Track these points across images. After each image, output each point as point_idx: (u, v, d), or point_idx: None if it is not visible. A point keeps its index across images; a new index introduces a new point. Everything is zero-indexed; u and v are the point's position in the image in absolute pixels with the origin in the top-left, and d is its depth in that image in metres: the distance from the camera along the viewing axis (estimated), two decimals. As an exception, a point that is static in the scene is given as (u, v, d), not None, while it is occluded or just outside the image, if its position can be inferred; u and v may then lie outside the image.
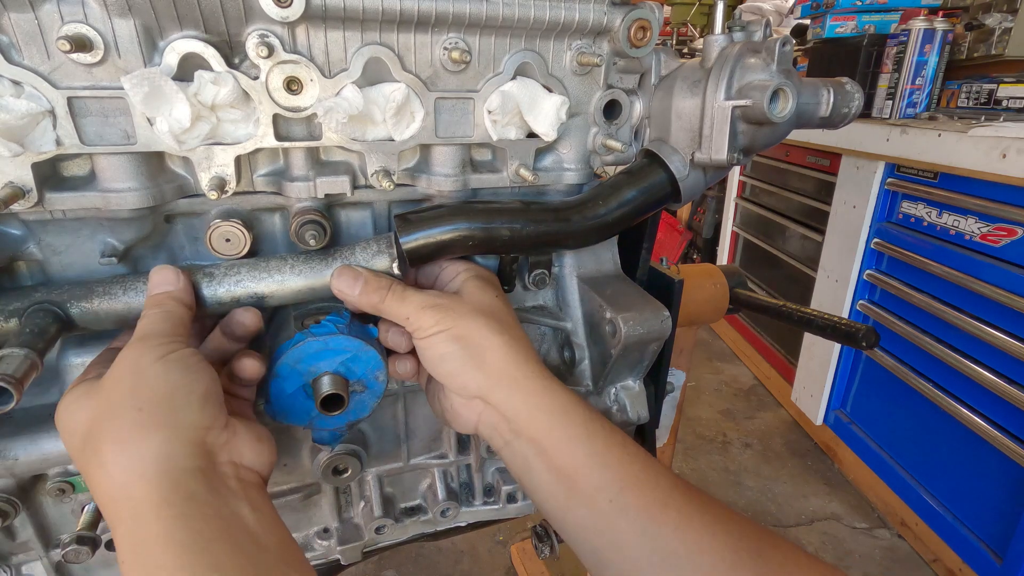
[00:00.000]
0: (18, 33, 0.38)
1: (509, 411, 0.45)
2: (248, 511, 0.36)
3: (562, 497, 0.43)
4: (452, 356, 0.46)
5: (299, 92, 0.44)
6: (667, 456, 1.07)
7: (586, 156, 0.57)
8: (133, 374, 0.37)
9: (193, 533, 0.33)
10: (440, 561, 1.76)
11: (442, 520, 0.70)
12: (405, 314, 0.47)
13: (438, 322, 0.46)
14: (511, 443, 0.46)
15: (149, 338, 0.40)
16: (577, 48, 0.52)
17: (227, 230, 0.47)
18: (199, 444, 0.37)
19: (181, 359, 0.39)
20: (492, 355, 0.46)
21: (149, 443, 0.35)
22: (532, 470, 0.45)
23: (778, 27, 3.12)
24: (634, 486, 0.41)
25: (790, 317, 0.80)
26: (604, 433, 0.44)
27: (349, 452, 0.59)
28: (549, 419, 0.44)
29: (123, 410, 0.36)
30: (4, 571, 0.54)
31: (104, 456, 0.35)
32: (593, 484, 0.42)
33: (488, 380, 0.46)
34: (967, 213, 1.55)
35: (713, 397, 2.65)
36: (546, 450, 0.44)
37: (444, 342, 0.46)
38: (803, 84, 0.50)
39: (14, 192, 0.40)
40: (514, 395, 0.45)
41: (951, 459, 1.67)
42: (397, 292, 0.47)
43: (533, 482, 0.45)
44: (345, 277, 0.48)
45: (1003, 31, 1.72)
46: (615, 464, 0.42)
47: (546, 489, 0.44)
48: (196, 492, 0.35)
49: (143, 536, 0.33)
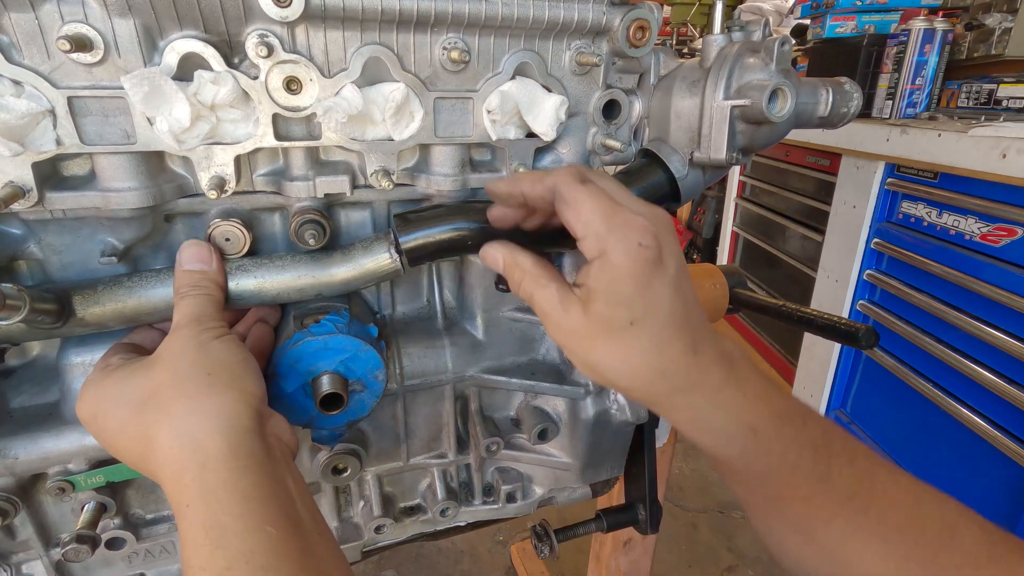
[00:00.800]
0: (18, 33, 0.38)
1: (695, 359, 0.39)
2: (291, 480, 0.38)
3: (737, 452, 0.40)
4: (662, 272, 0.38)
5: (298, 92, 0.45)
6: (667, 456, 1.07)
7: (585, 156, 0.57)
8: (196, 347, 0.40)
9: (253, 486, 0.35)
10: (440, 561, 1.76)
11: (442, 520, 0.70)
12: None
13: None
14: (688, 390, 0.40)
15: (203, 320, 0.42)
16: (576, 48, 0.52)
17: (227, 229, 0.48)
18: (257, 411, 0.40)
19: (234, 340, 0.43)
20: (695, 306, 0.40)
21: (220, 401, 0.38)
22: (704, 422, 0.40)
23: (778, 27, 3.12)
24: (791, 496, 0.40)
25: (790, 317, 0.80)
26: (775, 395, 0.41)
27: (348, 451, 0.59)
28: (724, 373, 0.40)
29: (193, 374, 0.39)
30: (4, 570, 0.54)
31: (174, 412, 0.37)
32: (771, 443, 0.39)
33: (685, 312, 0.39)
34: (967, 213, 1.55)
35: (713, 397, 2.65)
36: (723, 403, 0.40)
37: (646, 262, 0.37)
38: (802, 84, 0.50)
39: (14, 191, 0.40)
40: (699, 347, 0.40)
41: (951, 459, 1.67)
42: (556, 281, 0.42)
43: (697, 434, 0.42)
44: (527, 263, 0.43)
45: (1003, 31, 1.72)
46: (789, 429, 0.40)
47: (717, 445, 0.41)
48: (256, 450, 0.37)
49: (211, 483, 0.35)
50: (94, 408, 0.41)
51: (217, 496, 0.34)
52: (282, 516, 0.35)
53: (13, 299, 0.38)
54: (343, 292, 0.51)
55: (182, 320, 0.42)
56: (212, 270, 0.46)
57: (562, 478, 0.70)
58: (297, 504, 0.37)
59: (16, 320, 0.39)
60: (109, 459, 0.50)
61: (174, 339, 0.41)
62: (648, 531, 0.75)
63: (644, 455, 0.71)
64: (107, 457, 0.50)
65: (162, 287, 0.46)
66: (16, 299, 0.38)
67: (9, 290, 0.38)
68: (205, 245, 0.46)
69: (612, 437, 0.66)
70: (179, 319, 0.43)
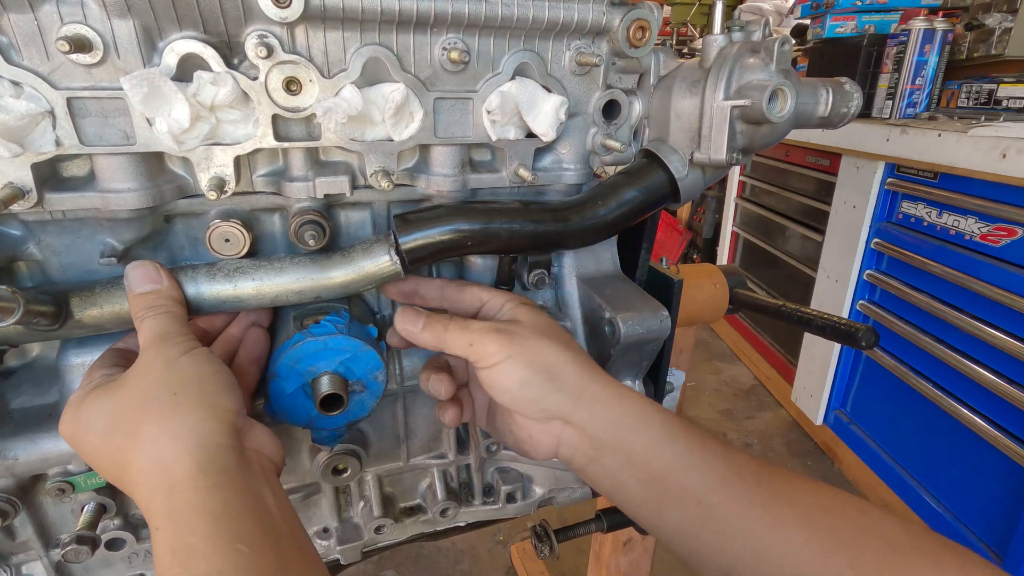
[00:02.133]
0: (17, 34, 0.38)
1: (592, 427, 0.45)
2: (269, 494, 0.38)
3: (654, 505, 0.43)
4: (531, 381, 0.45)
5: (298, 92, 0.44)
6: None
7: (585, 156, 0.57)
8: (164, 365, 0.40)
9: (224, 503, 0.35)
10: (440, 561, 1.76)
11: (442, 520, 0.70)
12: (468, 341, 0.47)
13: (503, 347, 0.45)
14: (596, 459, 0.45)
15: (168, 337, 0.42)
16: (576, 48, 0.52)
17: (226, 230, 0.48)
18: (231, 425, 0.39)
19: (204, 353, 0.42)
20: (569, 374, 0.46)
21: (187, 420, 0.37)
22: (622, 483, 0.44)
23: (778, 27, 3.12)
24: (720, 487, 0.41)
25: (790, 317, 0.80)
26: (685, 434, 0.44)
27: (348, 452, 0.59)
28: (631, 427, 0.44)
29: (159, 394, 0.38)
30: (4, 571, 0.54)
31: (142, 436, 0.37)
32: (681, 488, 0.42)
33: (569, 400, 0.45)
34: (967, 213, 1.55)
35: (713, 397, 2.65)
36: (633, 460, 0.43)
37: (519, 367, 0.45)
38: (802, 84, 0.50)
39: (14, 192, 0.40)
40: (596, 409, 0.45)
41: (951, 459, 1.67)
42: (458, 322, 0.48)
43: (624, 494, 0.45)
44: (406, 317, 0.49)
45: (1003, 31, 1.72)
46: (699, 465, 0.42)
47: (638, 499, 0.44)
48: (229, 467, 0.37)
49: (178, 504, 0.34)
50: (71, 430, 0.40)
51: (184, 517, 0.34)
52: (257, 532, 0.34)
53: (7, 301, 0.38)
54: (342, 295, 0.51)
55: (146, 342, 0.42)
56: (164, 287, 0.44)
57: (562, 478, 0.70)
58: (276, 519, 0.36)
59: (11, 322, 0.39)
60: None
61: (141, 360, 0.41)
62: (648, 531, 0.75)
63: (644, 455, 0.71)
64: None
65: (162, 288, 0.46)
66: (10, 301, 0.38)
67: (3, 292, 0.38)
68: (150, 264, 0.45)
69: (612, 437, 0.66)
70: (143, 341, 0.42)
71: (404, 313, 0.50)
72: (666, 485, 0.42)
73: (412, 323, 0.49)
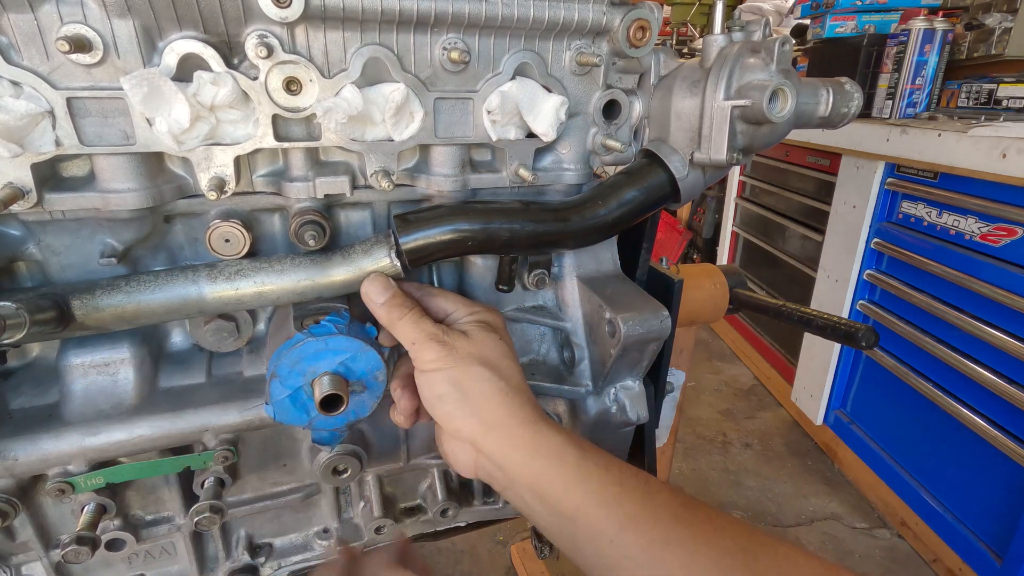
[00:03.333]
0: (17, 34, 0.38)
1: (501, 459, 0.45)
2: None
3: (568, 539, 0.43)
4: (447, 398, 0.46)
5: (298, 92, 0.44)
6: (667, 456, 1.07)
7: (585, 156, 0.57)
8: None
9: None
10: (440, 561, 1.76)
11: (442, 520, 0.70)
12: (412, 339, 0.47)
13: (438, 359, 0.46)
14: (510, 488, 0.46)
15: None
16: (576, 48, 0.52)
17: (226, 230, 0.47)
18: None
19: None
20: (486, 403, 0.46)
21: None
22: (536, 514, 0.45)
23: (778, 27, 3.12)
24: (632, 526, 0.41)
25: (790, 317, 0.80)
26: (600, 472, 0.44)
27: (349, 452, 0.59)
28: (543, 463, 0.44)
29: None
30: (4, 571, 0.54)
31: None
32: (594, 527, 0.41)
33: (480, 427, 0.46)
34: (967, 213, 1.55)
35: (713, 397, 2.65)
36: (544, 495, 0.44)
37: (441, 382, 0.46)
38: (802, 84, 0.50)
39: (13, 193, 0.40)
40: (505, 443, 0.45)
41: (951, 459, 1.67)
42: (415, 316, 0.48)
43: (540, 524, 0.46)
44: (377, 284, 0.49)
45: (1003, 31, 1.72)
46: (612, 504, 0.42)
47: (553, 531, 0.45)
48: None
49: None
50: None
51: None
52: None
53: (13, 318, 0.38)
54: (343, 294, 0.51)
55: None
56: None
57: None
58: None
59: (18, 337, 0.39)
60: (109, 460, 0.50)
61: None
62: None
63: (644, 455, 0.71)
64: (107, 458, 0.50)
65: (161, 290, 0.46)
66: (16, 318, 0.38)
67: (8, 310, 0.38)
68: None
69: (612, 437, 0.66)
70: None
71: (374, 281, 0.49)
72: (578, 524, 0.42)
73: (376, 294, 0.49)
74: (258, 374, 0.55)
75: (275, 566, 0.66)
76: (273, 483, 0.63)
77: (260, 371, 0.55)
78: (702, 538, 0.40)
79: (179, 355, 0.55)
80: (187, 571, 0.62)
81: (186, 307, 0.47)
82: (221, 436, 0.53)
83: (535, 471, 0.44)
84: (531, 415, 0.47)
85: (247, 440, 0.59)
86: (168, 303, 0.46)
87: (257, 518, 0.65)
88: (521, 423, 0.46)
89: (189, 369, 0.54)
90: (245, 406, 0.52)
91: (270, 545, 0.67)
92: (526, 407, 0.47)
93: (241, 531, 0.65)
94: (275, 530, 0.67)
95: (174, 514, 0.58)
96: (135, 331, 0.50)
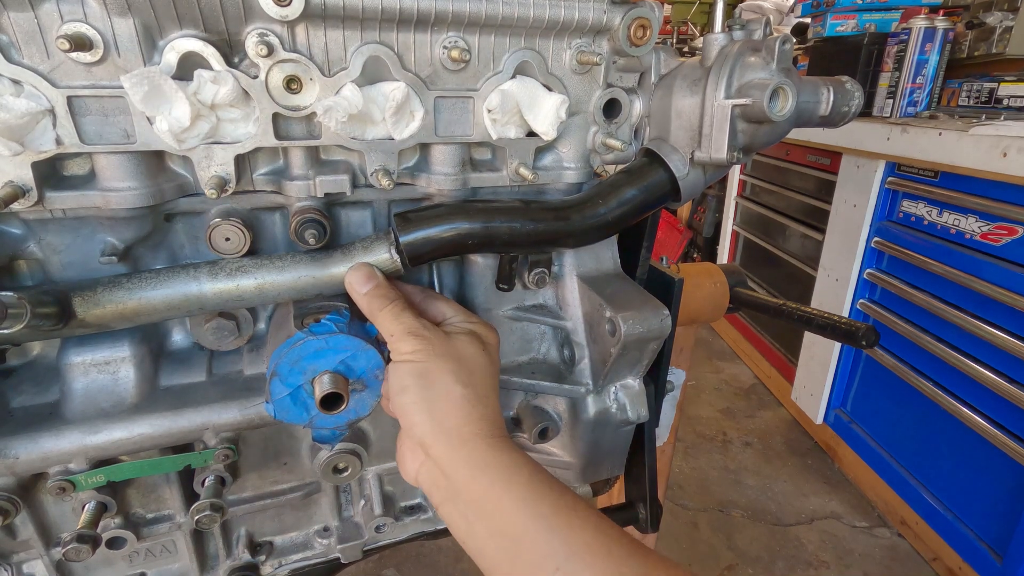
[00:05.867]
0: (18, 32, 0.38)
1: (448, 467, 0.43)
2: None
3: (508, 564, 0.40)
4: (409, 390, 0.45)
5: (299, 91, 0.44)
6: (667, 455, 1.07)
7: (586, 155, 0.57)
8: None
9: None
10: (440, 560, 1.76)
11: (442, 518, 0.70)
12: (391, 331, 0.47)
13: (413, 352, 0.46)
14: (451, 500, 0.43)
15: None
16: (577, 47, 0.52)
17: (227, 229, 0.48)
18: None
19: None
20: (445, 403, 0.45)
21: None
22: (474, 534, 0.42)
23: (779, 25, 3.12)
24: (584, 554, 0.38)
25: (790, 316, 0.80)
26: (553, 496, 0.41)
27: (349, 451, 0.59)
28: (493, 478, 0.42)
29: None
30: (5, 569, 0.54)
31: None
32: (539, 551, 0.39)
33: (434, 427, 0.44)
34: (967, 212, 1.54)
35: (713, 396, 2.65)
36: (489, 513, 0.41)
37: (408, 374, 0.45)
38: (803, 83, 0.50)
39: (14, 191, 0.40)
40: (455, 451, 0.43)
41: (951, 458, 1.67)
42: (396, 308, 0.48)
43: (476, 545, 0.42)
44: (360, 273, 0.49)
45: (1004, 30, 1.71)
46: (563, 529, 0.39)
47: (490, 555, 0.41)
48: None
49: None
50: None
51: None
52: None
53: (15, 307, 0.38)
54: (343, 292, 0.51)
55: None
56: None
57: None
58: None
59: (18, 328, 0.39)
60: (110, 459, 0.50)
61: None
62: (648, 530, 0.75)
63: (644, 454, 0.71)
64: (108, 456, 0.50)
65: (163, 288, 0.46)
66: (17, 307, 0.38)
67: (10, 299, 0.38)
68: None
69: (612, 436, 0.66)
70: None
71: (358, 271, 0.49)
72: (522, 546, 0.39)
73: (360, 283, 0.48)
74: (258, 372, 0.55)
75: (276, 564, 0.66)
76: (274, 481, 0.63)
77: (260, 369, 0.56)
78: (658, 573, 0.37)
79: (180, 353, 0.55)
80: (188, 569, 0.62)
81: (187, 304, 0.47)
82: (222, 434, 0.54)
83: (482, 485, 0.42)
84: (488, 428, 0.45)
85: (248, 438, 0.59)
86: (169, 300, 0.46)
87: (258, 516, 0.65)
88: (475, 434, 0.44)
89: (190, 368, 0.54)
90: (246, 404, 0.52)
91: (271, 543, 0.67)
92: (485, 421, 0.45)
93: (242, 529, 0.65)
94: (276, 528, 0.67)
95: (175, 512, 0.58)
96: (136, 329, 0.50)
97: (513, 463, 0.43)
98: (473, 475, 0.43)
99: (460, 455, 0.43)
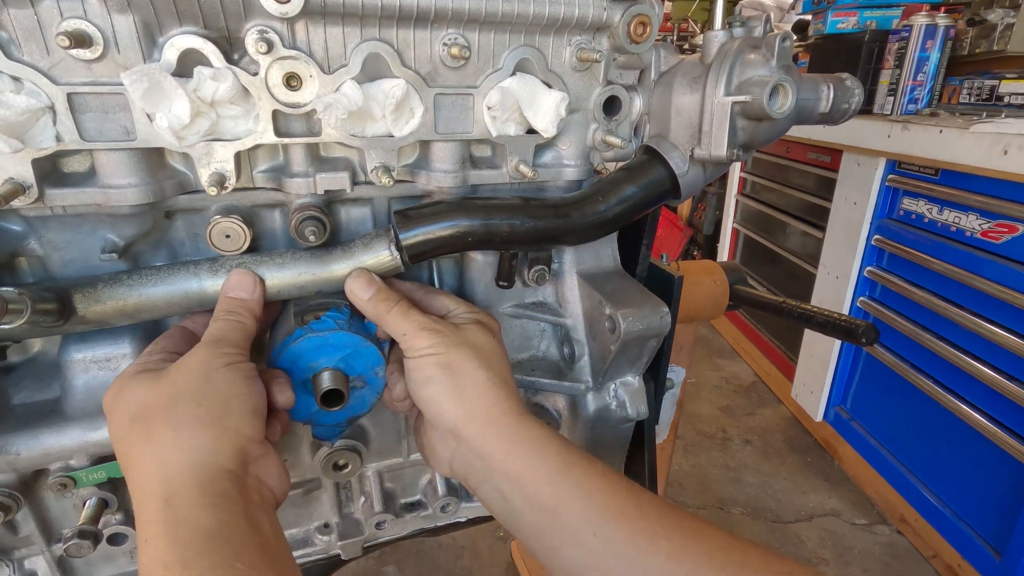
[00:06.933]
0: (17, 29, 0.38)
1: (483, 447, 0.45)
2: (266, 522, 0.38)
3: (547, 536, 0.42)
4: (435, 381, 0.46)
5: (298, 88, 0.44)
6: (667, 452, 1.07)
7: (586, 152, 0.57)
8: (202, 373, 0.41)
9: (220, 523, 0.35)
10: (440, 557, 1.76)
11: (442, 515, 0.70)
12: (403, 330, 0.47)
13: (431, 345, 0.46)
14: (488, 480, 0.45)
15: (222, 344, 0.43)
16: (577, 44, 0.52)
17: (227, 226, 0.48)
18: (241, 451, 0.40)
19: (245, 371, 0.43)
20: (473, 389, 0.46)
21: (201, 437, 0.38)
22: (513, 509, 0.44)
23: (779, 23, 3.11)
24: (619, 517, 0.40)
25: (790, 313, 0.80)
26: (584, 464, 0.43)
27: (349, 447, 0.60)
28: (526, 452, 0.44)
29: (185, 402, 0.39)
30: (6, 565, 0.54)
31: (155, 438, 0.38)
32: (577, 517, 0.40)
33: (464, 413, 0.46)
34: (968, 209, 1.54)
35: (713, 393, 2.66)
36: (525, 485, 0.43)
37: (430, 365, 0.46)
38: (803, 80, 0.50)
39: (14, 188, 0.40)
40: (488, 431, 0.45)
41: (951, 455, 1.67)
42: (403, 307, 0.48)
43: (516, 522, 0.44)
44: (360, 280, 0.49)
45: (1005, 27, 1.71)
46: (597, 494, 0.41)
47: (529, 527, 0.43)
48: (228, 491, 0.37)
49: (173, 517, 0.35)
50: (110, 405, 0.42)
51: (181, 531, 0.34)
52: (255, 553, 0.35)
53: (15, 303, 0.38)
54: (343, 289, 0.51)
55: (204, 340, 0.43)
56: (251, 299, 0.46)
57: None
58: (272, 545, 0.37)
59: (19, 323, 0.39)
60: (110, 455, 0.51)
61: (188, 358, 0.42)
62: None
63: (644, 451, 0.71)
64: (108, 453, 0.50)
65: (163, 284, 0.46)
66: (18, 303, 0.38)
67: (11, 294, 0.38)
68: (251, 275, 0.47)
69: (612, 433, 0.66)
70: (204, 339, 0.44)
71: (357, 278, 0.49)
72: (559, 514, 0.41)
73: (362, 290, 0.49)
74: (259, 370, 0.56)
75: (276, 561, 0.67)
76: (274, 478, 0.63)
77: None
78: (690, 533, 0.39)
79: (180, 351, 0.55)
80: (189, 565, 0.62)
81: (188, 300, 0.47)
82: (222, 431, 0.54)
83: (517, 460, 0.44)
84: (516, 407, 0.47)
85: (248, 435, 0.59)
86: (170, 296, 0.46)
87: (258, 513, 0.65)
88: (505, 412, 0.46)
89: (190, 365, 0.54)
90: (246, 401, 0.52)
91: (271, 540, 0.67)
92: (511, 399, 0.47)
93: (242, 526, 0.65)
94: (276, 525, 0.67)
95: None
96: (136, 326, 0.50)
97: (543, 436, 0.45)
98: (508, 450, 0.44)
99: (493, 434, 0.45)
